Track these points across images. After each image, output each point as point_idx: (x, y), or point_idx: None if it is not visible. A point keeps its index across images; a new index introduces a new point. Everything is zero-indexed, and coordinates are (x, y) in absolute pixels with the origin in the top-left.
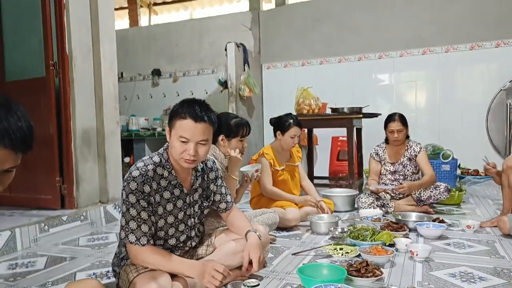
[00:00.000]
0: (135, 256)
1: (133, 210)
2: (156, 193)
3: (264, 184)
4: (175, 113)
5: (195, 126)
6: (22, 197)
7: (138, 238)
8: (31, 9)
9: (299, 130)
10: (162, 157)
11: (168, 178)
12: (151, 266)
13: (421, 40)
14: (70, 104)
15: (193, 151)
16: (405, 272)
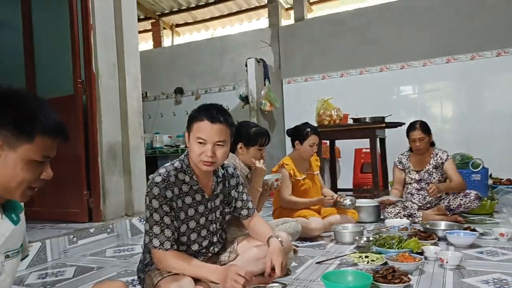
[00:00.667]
0: (159, 261)
1: (156, 215)
2: (178, 198)
3: (282, 194)
4: (193, 117)
5: (212, 127)
6: (52, 212)
7: (162, 242)
8: (60, 31)
9: (317, 138)
10: (183, 163)
11: (190, 183)
12: (174, 270)
13: (445, 48)
14: (96, 120)
15: (211, 153)
16: (435, 280)
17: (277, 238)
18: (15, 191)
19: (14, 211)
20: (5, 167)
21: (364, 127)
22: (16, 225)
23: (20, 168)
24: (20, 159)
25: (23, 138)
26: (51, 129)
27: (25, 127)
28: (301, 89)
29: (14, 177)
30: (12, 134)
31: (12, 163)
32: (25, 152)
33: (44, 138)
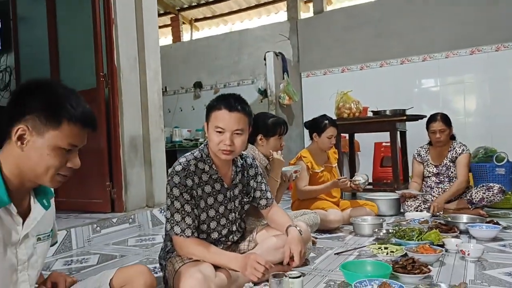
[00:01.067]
0: (180, 247)
1: (177, 203)
2: (198, 187)
3: (298, 185)
4: (211, 106)
5: (230, 115)
6: (77, 202)
7: (183, 229)
8: (83, 27)
9: (335, 130)
10: (202, 152)
11: (209, 172)
12: (194, 257)
13: (469, 39)
14: (118, 113)
15: (229, 141)
16: (456, 271)
17: (296, 227)
18: (43, 176)
19: (45, 196)
20: (33, 152)
21: (384, 120)
22: (47, 210)
23: (47, 154)
24: (47, 145)
25: (50, 125)
26: (78, 117)
27: (52, 114)
28: (320, 82)
29: (41, 162)
30: (40, 121)
31: (39, 149)
32: (52, 139)
33: (70, 125)
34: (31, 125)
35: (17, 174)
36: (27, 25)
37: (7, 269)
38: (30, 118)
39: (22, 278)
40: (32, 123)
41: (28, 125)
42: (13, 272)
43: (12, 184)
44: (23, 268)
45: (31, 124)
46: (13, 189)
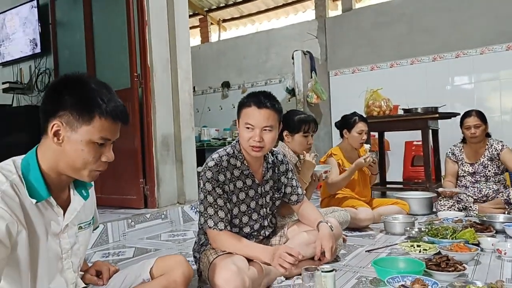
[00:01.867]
0: (213, 240)
1: (210, 197)
2: (230, 182)
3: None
4: (241, 104)
5: (259, 112)
6: (112, 198)
7: (216, 223)
8: (118, 29)
9: (365, 125)
10: (234, 149)
11: (241, 168)
12: (227, 249)
13: (505, 35)
14: (151, 112)
15: (259, 137)
16: (492, 270)
17: (327, 223)
18: (81, 171)
19: (84, 187)
20: (69, 148)
21: (416, 118)
22: (86, 200)
23: (81, 149)
24: (81, 140)
25: (82, 120)
26: (109, 112)
27: (84, 109)
28: (348, 81)
29: (78, 157)
30: (73, 116)
31: (74, 144)
32: (85, 134)
33: (102, 120)
34: (65, 120)
35: (55, 168)
36: (65, 29)
37: (52, 258)
38: (64, 114)
39: (67, 266)
40: (66, 119)
41: (62, 121)
42: (58, 261)
43: (50, 178)
44: (67, 256)
45: (65, 120)
46: (52, 183)
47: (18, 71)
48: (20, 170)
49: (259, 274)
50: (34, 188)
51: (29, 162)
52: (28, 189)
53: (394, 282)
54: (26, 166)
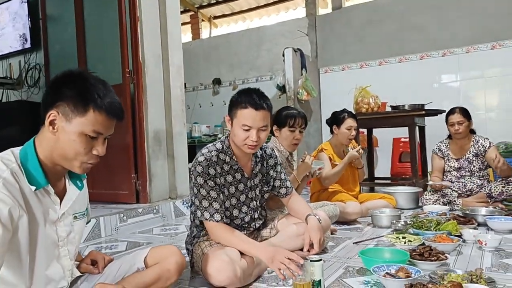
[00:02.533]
0: (211, 232)
1: (202, 190)
2: (220, 176)
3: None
4: (235, 103)
5: (256, 114)
6: (104, 193)
7: (212, 214)
8: (110, 24)
9: (354, 121)
10: (224, 144)
11: (230, 163)
12: (225, 242)
13: (490, 34)
14: (143, 107)
15: (256, 137)
16: (472, 260)
17: (315, 216)
18: (72, 162)
19: (78, 178)
20: (62, 137)
21: (403, 115)
22: (80, 190)
23: (73, 139)
24: (74, 131)
25: (77, 112)
26: (103, 107)
27: (80, 101)
28: (338, 78)
29: (69, 147)
30: (69, 107)
31: (67, 134)
32: (78, 125)
33: (96, 113)
34: (61, 111)
35: (50, 157)
36: (56, 24)
37: (50, 245)
38: (60, 105)
39: (64, 253)
40: (62, 109)
41: (58, 111)
42: (55, 248)
43: (47, 167)
44: (63, 243)
45: (61, 110)
46: (49, 172)
47: (7, 66)
48: (19, 159)
49: (250, 264)
50: (33, 176)
51: (27, 152)
52: (27, 177)
53: (380, 271)
54: (24, 155)
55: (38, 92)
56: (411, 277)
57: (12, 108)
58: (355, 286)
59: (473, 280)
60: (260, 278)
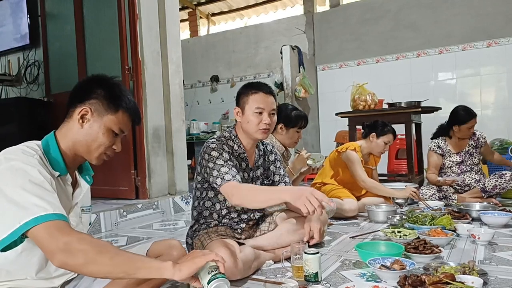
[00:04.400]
0: (232, 194)
1: (219, 160)
2: (231, 156)
3: (359, 175)
4: (245, 92)
5: (267, 97)
6: (103, 189)
7: (234, 175)
8: (109, 22)
9: (393, 138)
10: (231, 133)
11: (238, 150)
12: (247, 197)
13: (486, 32)
14: (142, 104)
15: (268, 120)
16: (466, 253)
17: None
18: (94, 152)
19: (87, 173)
20: (91, 130)
21: (399, 112)
22: (90, 184)
23: (102, 133)
24: (103, 126)
25: (109, 110)
26: (131, 109)
27: (113, 102)
28: (335, 75)
29: (95, 139)
30: (102, 105)
31: (97, 127)
32: (108, 121)
33: (124, 114)
34: (94, 107)
35: (72, 148)
36: (55, 21)
37: None
38: (94, 102)
39: None
40: (95, 106)
41: (91, 107)
42: None
43: (67, 157)
44: None
45: (94, 107)
46: (68, 161)
47: (6, 63)
48: (42, 149)
49: (250, 257)
50: (56, 162)
51: (48, 143)
52: (51, 163)
53: (375, 263)
54: (46, 145)
55: (37, 88)
56: (405, 269)
57: (11, 104)
58: (352, 278)
59: (465, 272)
60: (259, 271)
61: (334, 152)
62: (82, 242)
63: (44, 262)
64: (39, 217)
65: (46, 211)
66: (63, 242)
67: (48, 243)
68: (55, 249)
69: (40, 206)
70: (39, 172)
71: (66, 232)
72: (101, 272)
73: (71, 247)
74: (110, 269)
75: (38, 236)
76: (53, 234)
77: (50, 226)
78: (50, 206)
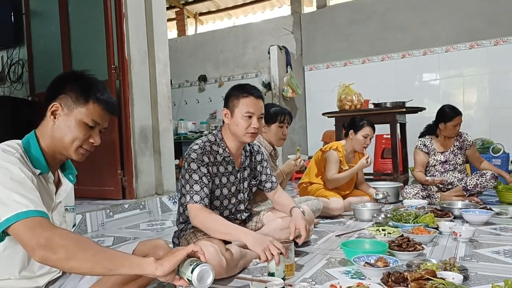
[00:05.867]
0: (194, 216)
1: (195, 175)
2: (213, 165)
3: (328, 175)
4: (235, 95)
5: (257, 101)
6: (89, 190)
7: (202, 198)
8: (95, 20)
9: (371, 131)
10: (216, 137)
11: (222, 154)
12: (209, 226)
13: (469, 34)
14: (129, 104)
15: (257, 124)
16: (448, 250)
17: (299, 208)
18: (69, 147)
19: (70, 172)
20: (63, 124)
21: (385, 112)
22: (73, 183)
23: (73, 126)
24: (74, 119)
25: (78, 103)
26: (102, 100)
27: (82, 94)
28: (322, 75)
29: (68, 133)
30: (71, 99)
31: (68, 121)
32: (78, 114)
33: (95, 105)
34: (64, 102)
35: (50, 146)
36: (39, 19)
37: None
38: (63, 97)
39: None
40: (65, 101)
41: (61, 102)
42: None
43: (48, 155)
44: None
45: (63, 102)
46: (49, 161)
47: None
48: (22, 148)
49: (236, 256)
50: (37, 160)
51: (29, 141)
52: (32, 162)
53: (360, 261)
54: (27, 143)
55: (21, 88)
56: (389, 266)
57: None
58: (337, 276)
59: (446, 268)
60: (245, 270)
61: (319, 151)
62: (63, 238)
63: (27, 260)
64: (20, 213)
65: (28, 208)
66: (45, 238)
67: (28, 238)
68: (36, 244)
69: (21, 203)
70: (20, 170)
71: (48, 227)
72: (83, 268)
73: (53, 243)
74: (91, 265)
75: (19, 232)
76: (34, 229)
77: (32, 222)
78: (32, 203)
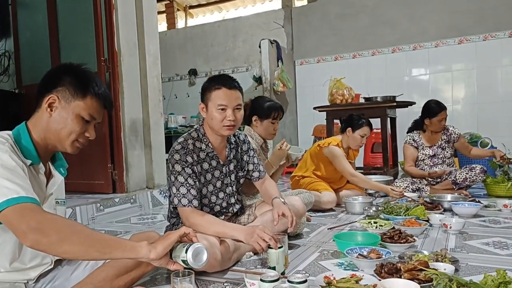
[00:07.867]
0: (186, 218)
1: (180, 177)
2: (197, 164)
3: (348, 169)
4: (208, 88)
5: (230, 93)
6: (79, 183)
7: (190, 200)
8: (84, 12)
9: (369, 131)
10: (199, 132)
11: (206, 150)
12: (200, 226)
13: (457, 29)
14: (119, 97)
15: (232, 116)
16: (438, 242)
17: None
18: (65, 140)
19: (61, 164)
20: (59, 118)
21: (375, 106)
22: (64, 176)
23: (71, 119)
24: (72, 112)
25: (76, 96)
26: (100, 94)
27: (80, 87)
28: (313, 70)
29: (65, 127)
30: (69, 92)
31: (65, 114)
32: (76, 107)
33: (93, 99)
34: (61, 95)
35: (43, 138)
36: (26, 10)
37: None
38: (61, 90)
39: None
40: (62, 93)
41: (58, 95)
42: None
43: (39, 146)
44: None
45: (61, 94)
46: (40, 152)
47: None
48: (12, 138)
49: (229, 249)
50: (28, 151)
51: (19, 132)
52: (23, 152)
53: (353, 253)
54: (17, 134)
55: (7, 80)
56: (381, 258)
57: None
58: (330, 268)
59: (438, 259)
60: (239, 263)
61: (316, 146)
62: (55, 221)
63: (18, 251)
64: (11, 199)
65: (18, 194)
66: (36, 221)
67: (19, 222)
68: (27, 227)
69: (12, 189)
70: (11, 158)
71: (39, 212)
72: (76, 251)
73: (44, 225)
74: (85, 248)
75: (10, 217)
76: (25, 214)
77: (23, 207)
78: (23, 189)
